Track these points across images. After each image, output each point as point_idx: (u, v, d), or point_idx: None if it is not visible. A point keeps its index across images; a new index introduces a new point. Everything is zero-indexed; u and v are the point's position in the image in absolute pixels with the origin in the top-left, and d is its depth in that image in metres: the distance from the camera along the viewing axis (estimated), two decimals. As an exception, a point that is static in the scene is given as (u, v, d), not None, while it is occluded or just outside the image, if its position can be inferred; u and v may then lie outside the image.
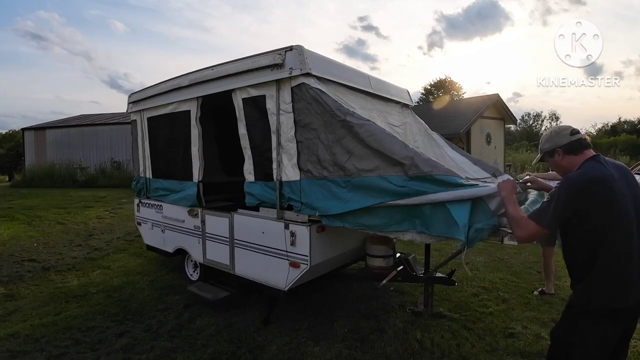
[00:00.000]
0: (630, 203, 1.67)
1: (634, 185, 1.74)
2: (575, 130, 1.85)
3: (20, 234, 7.14)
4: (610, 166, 1.74)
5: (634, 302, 1.64)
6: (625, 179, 1.72)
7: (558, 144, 1.84)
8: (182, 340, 3.16)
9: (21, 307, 3.85)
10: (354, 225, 2.72)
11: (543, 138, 1.94)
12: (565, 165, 1.85)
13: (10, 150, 33.41)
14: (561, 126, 1.92)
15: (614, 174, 1.68)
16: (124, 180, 14.89)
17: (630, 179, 1.76)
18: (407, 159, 2.46)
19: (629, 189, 1.70)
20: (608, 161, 1.79)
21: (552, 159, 1.90)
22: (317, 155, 2.90)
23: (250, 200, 3.43)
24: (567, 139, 1.82)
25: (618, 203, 1.64)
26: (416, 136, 4.44)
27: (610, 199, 1.64)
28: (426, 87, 39.43)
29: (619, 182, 1.68)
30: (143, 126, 4.77)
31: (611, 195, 1.63)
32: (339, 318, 3.51)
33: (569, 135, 1.82)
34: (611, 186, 1.64)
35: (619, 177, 1.70)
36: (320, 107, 2.86)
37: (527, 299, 3.92)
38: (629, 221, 1.64)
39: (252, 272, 3.47)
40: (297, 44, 2.96)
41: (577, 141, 1.80)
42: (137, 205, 5.09)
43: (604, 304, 1.64)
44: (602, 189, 1.64)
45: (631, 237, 1.64)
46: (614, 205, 1.63)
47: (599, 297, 1.65)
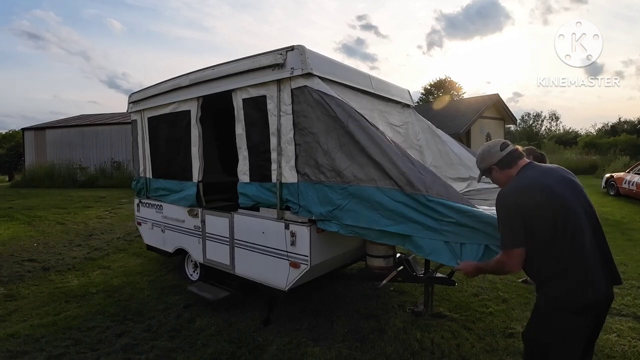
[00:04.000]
0: (573, 200, 1.71)
1: (573, 182, 1.80)
2: (505, 144, 1.92)
3: (20, 234, 7.14)
4: (541, 171, 1.82)
5: (597, 296, 1.65)
6: (562, 179, 1.78)
7: (492, 162, 1.92)
8: (182, 340, 3.16)
9: (21, 307, 3.85)
10: (348, 231, 2.74)
11: (478, 157, 2.01)
12: (503, 179, 1.92)
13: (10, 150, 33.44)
14: (491, 143, 1.98)
15: (543, 179, 1.75)
16: (124, 180, 14.89)
17: (568, 178, 1.81)
18: (403, 174, 2.47)
19: (567, 188, 1.75)
20: (540, 167, 1.87)
21: (490, 175, 1.99)
22: (315, 160, 2.90)
23: (244, 201, 3.43)
24: (499, 155, 1.89)
25: (555, 204, 1.68)
26: (418, 135, 4.44)
27: (544, 203, 1.69)
28: (426, 87, 39.48)
29: (554, 184, 1.73)
30: (143, 126, 4.76)
31: (544, 199, 1.69)
32: (339, 318, 3.51)
33: (500, 152, 1.89)
34: (542, 190, 1.71)
35: (555, 179, 1.76)
36: (321, 111, 2.85)
37: (527, 299, 3.92)
38: (574, 218, 1.67)
39: (252, 272, 3.47)
40: (298, 44, 2.95)
41: (508, 155, 1.88)
42: (137, 205, 5.09)
43: (568, 302, 1.65)
44: (533, 196, 1.70)
45: (581, 232, 1.66)
46: (550, 207, 1.68)
47: (562, 296, 1.66)
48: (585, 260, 1.65)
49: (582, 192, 1.79)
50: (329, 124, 2.82)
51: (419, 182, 2.41)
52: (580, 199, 1.75)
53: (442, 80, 38.60)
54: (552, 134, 43.09)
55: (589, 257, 1.65)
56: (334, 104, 2.82)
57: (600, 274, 1.66)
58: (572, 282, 1.64)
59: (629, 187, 10.80)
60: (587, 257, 1.65)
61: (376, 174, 2.58)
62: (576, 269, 1.64)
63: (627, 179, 10.99)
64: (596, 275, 1.65)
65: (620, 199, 10.92)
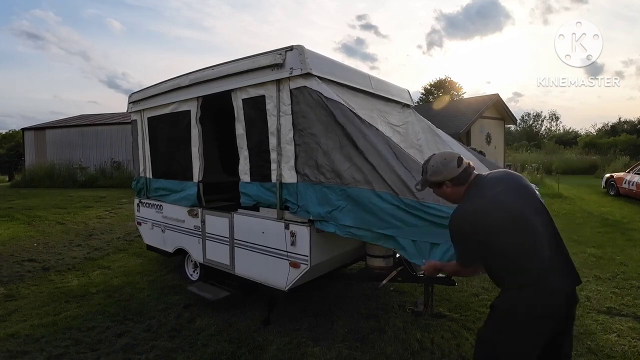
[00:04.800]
0: (527, 209, 1.68)
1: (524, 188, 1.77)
2: (461, 159, 1.85)
3: (20, 234, 7.14)
4: (491, 185, 1.77)
5: (558, 302, 1.61)
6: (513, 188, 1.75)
7: (447, 177, 1.83)
8: (182, 340, 3.16)
9: (21, 307, 3.85)
10: (345, 232, 2.74)
11: (430, 169, 1.89)
12: (451, 195, 1.88)
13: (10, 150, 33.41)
14: (447, 156, 1.88)
15: (495, 196, 1.71)
16: (124, 180, 14.88)
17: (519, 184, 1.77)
18: (399, 178, 2.48)
19: (519, 196, 1.72)
20: (488, 179, 1.82)
21: (439, 189, 1.91)
22: (315, 160, 2.90)
23: (245, 200, 3.44)
24: (455, 171, 1.81)
25: (510, 219, 1.66)
26: (419, 134, 4.44)
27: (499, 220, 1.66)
28: (426, 87, 39.42)
29: (505, 198, 1.70)
30: (143, 126, 4.76)
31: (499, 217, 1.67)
32: (339, 318, 3.51)
33: (457, 168, 1.81)
34: (496, 208, 1.68)
35: (505, 190, 1.73)
36: (320, 112, 2.86)
37: (527, 299, 3.92)
38: (530, 228, 1.65)
39: (252, 272, 3.47)
40: (297, 44, 2.95)
41: (464, 172, 1.81)
42: (137, 205, 5.09)
43: (527, 309, 1.61)
44: (488, 217, 1.68)
45: (538, 241, 1.64)
46: (506, 223, 1.66)
47: (521, 304, 1.63)
48: (544, 268, 1.62)
49: (535, 196, 1.77)
50: (328, 124, 2.83)
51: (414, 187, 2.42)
52: (534, 205, 1.73)
53: (442, 80, 38.57)
54: (552, 134, 43.08)
55: (547, 264, 1.63)
56: (333, 105, 2.82)
57: (560, 280, 1.63)
58: (532, 291, 1.61)
59: (629, 187, 10.80)
60: (545, 264, 1.63)
61: (373, 177, 2.59)
62: (535, 277, 1.62)
63: (627, 179, 10.99)
64: (556, 281, 1.62)
65: (620, 199, 10.92)
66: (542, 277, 1.61)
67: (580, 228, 7.32)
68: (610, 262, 5.14)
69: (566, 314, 1.66)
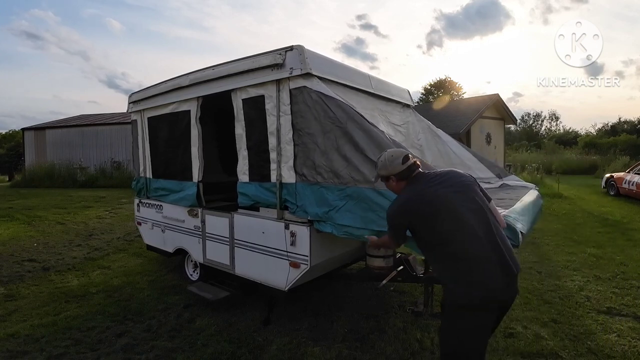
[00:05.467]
0: (460, 203, 1.82)
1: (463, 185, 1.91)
2: (406, 157, 2.03)
3: (20, 234, 7.14)
4: (428, 180, 1.96)
5: (493, 293, 1.71)
6: (451, 184, 1.90)
7: (392, 172, 2.03)
8: (182, 340, 3.16)
9: (21, 307, 3.85)
10: (342, 232, 2.73)
11: (379, 163, 2.11)
12: (396, 188, 2.08)
13: (10, 150, 33.41)
14: (395, 153, 2.07)
15: (428, 189, 1.90)
16: (124, 180, 14.88)
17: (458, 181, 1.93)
18: None
19: (454, 192, 1.86)
20: (429, 176, 2.00)
21: (387, 182, 2.12)
22: (312, 160, 2.90)
23: (243, 200, 3.44)
24: (400, 167, 2.01)
25: (440, 211, 1.82)
26: (419, 134, 4.45)
27: (430, 212, 1.85)
28: (426, 87, 39.40)
29: (439, 192, 1.87)
30: (143, 126, 4.76)
31: (429, 208, 1.85)
32: (339, 318, 3.51)
33: (401, 164, 2.01)
34: (426, 200, 1.87)
35: (442, 186, 1.89)
36: (320, 112, 2.85)
37: (527, 299, 3.92)
38: (462, 221, 1.78)
39: (252, 272, 3.47)
40: (297, 44, 2.95)
41: (407, 168, 2.00)
42: (137, 205, 5.09)
43: (466, 301, 1.73)
44: (418, 207, 1.88)
45: (471, 233, 1.76)
46: (436, 214, 1.83)
47: (460, 297, 1.74)
48: (478, 260, 1.72)
49: (473, 193, 1.89)
50: (327, 125, 2.82)
51: None
52: (470, 200, 1.85)
53: (442, 80, 38.54)
54: (552, 134, 43.09)
55: (481, 256, 1.72)
56: (333, 105, 2.82)
57: (494, 270, 1.71)
58: (467, 283, 1.71)
59: (629, 187, 10.80)
60: (479, 256, 1.72)
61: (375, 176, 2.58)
62: (469, 269, 1.72)
63: (627, 179, 11.00)
64: (490, 272, 1.71)
65: (620, 199, 10.92)
66: (475, 270, 1.72)
67: (580, 228, 7.32)
68: (610, 262, 5.14)
69: (505, 302, 1.78)
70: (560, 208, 9.44)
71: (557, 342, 3.07)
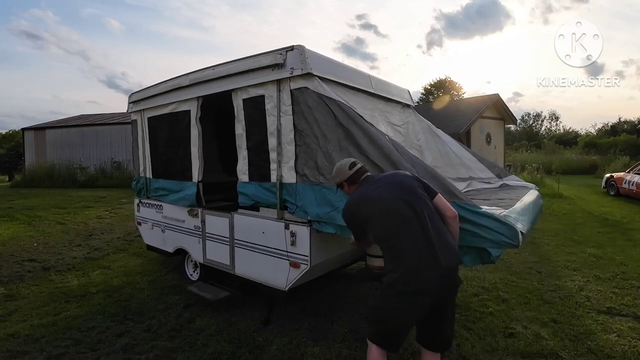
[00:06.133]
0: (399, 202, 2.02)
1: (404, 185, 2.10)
2: (353, 163, 2.31)
3: (20, 234, 7.14)
4: (373, 182, 2.19)
5: (426, 284, 1.89)
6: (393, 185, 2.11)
7: (343, 178, 2.31)
8: (182, 340, 3.16)
9: (21, 307, 3.85)
10: (346, 233, 2.70)
11: (333, 172, 2.40)
12: (348, 192, 2.33)
13: (10, 150, 33.42)
14: (343, 162, 2.35)
15: (371, 191, 2.13)
16: (124, 180, 14.89)
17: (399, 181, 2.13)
18: None
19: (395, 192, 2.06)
20: (374, 178, 2.24)
21: (342, 189, 2.38)
22: (315, 161, 2.90)
23: (243, 200, 3.44)
24: (348, 173, 2.28)
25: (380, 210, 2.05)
26: (419, 135, 4.44)
27: (372, 211, 2.09)
28: (426, 87, 39.42)
29: (380, 192, 2.09)
30: (143, 126, 4.76)
31: (371, 208, 2.09)
32: (339, 318, 3.51)
33: (348, 170, 2.28)
34: (368, 201, 2.11)
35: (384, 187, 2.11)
36: (321, 113, 2.84)
37: (527, 299, 3.92)
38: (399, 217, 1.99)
39: (252, 272, 3.47)
40: (298, 44, 2.95)
41: (354, 173, 2.27)
42: (137, 205, 5.09)
43: (400, 287, 1.93)
44: (362, 207, 2.14)
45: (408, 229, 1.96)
46: (377, 213, 2.07)
47: (396, 284, 1.95)
48: (412, 253, 1.92)
49: (413, 191, 2.08)
50: (329, 125, 2.82)
51: None
52: (409, 198, 2.03)
53: (442, 80, 38.56)
54: (552, 134, 43.10)
55: (417, 249, 1.91)
56: (334, 106, 2.82)
57: (429, 263, 1.89)
58: (403, 273, 1.93)
59: (629, 187, 10.80)
60: (415, 249, 1.92)
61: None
62: (404, 260, 1.94)
63: (627, 179, 11.00)
64: (421, 264, 1.90)
65: (620, 199, 10.93)
66: (413, 259, 1.92)
67: (580, 228, 7.32)
68: (610, 262, 5.14)
69: (439, 290, 1.93)
70: (560, 208, 9.44)
71: (557, 342, 3.07)
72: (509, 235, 2.16)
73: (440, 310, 2.04)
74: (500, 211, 2.36)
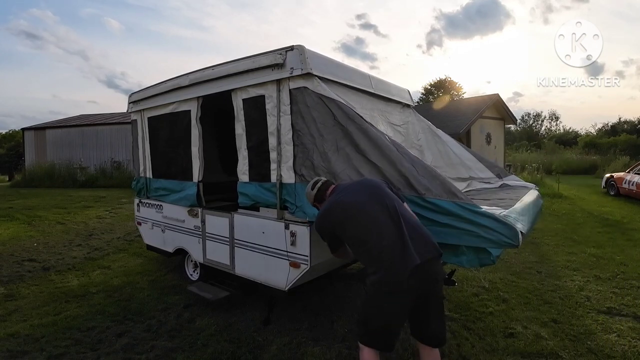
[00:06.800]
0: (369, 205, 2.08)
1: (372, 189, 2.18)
2: (315, 182, 2.46)
3: (20, 234, 7.14)
4: (340, 191, 2.27)
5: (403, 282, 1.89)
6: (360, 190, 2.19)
7: (312, 200, 2.47)
8: (182, 340, 3.16)
9: (21, 307, 3.85)
10: None
11: (306, 196, 2.54)
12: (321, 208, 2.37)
13: (10, 150, 33.42)
14: (309, 185, 2.49)
15: (339, 199, 2.20)
16: (124, 180, 14.88)
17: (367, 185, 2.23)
18: (402, 176, 2.46)
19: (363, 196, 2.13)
20: (340, 187, 2.32)
21: (317, 208, 2.46)
22: (311, 161, 2.89)
23: (243, 200, 3.44)
24: (312, 194, 2.43)
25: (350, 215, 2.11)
26: (419, 134, 4.44)
27: (341, 218, 2.14)
28: (426, 87, 39.42)
29: (348, 199, 2.16)
30: (143, 126, 4.76)
31: (340, 215, 2.15)
32: (339, 318, 3.51)
33: (312, 190, 2.44)
34: (337, 208, 2.18)
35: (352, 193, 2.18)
36: (320, 113, 2.84)
37: (527, 299, 3.92)
38: (371, 220, 2.03)
39: (252, 272, 3.47)
40: (298, 44, 2.95)
41: (317, 191, 2.41)
42: (137, 205, 5.09)
43: (380, 287, 1.96)
44: (331, 216, 2.19)
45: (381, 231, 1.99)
46: (347, 219, 2.12)
47: (375, 284, 1.97)
48: (389, 252, 1.94)
49: (382, 189, 2.17)
50: (327, 125, 2.82)
51: (418, 184, 2.41)
52: (378, 202, 2.09)
53: (442, 80, 38.57)
54: (552, 134, 43.10)
55: (393, 248, 1.94)
56: (334, 106, 2.81)
57: (404, 260, 1.91)
58: (382, 273, 1.94)
59: (629, 187, 10.80)
60: (391, 249, 1.94)
61: (374, 176, 2.57)
62: (380, 261, 1.96)
63: (627, 179, 11.00)
64: (399, 262, 1.91)
65: (620, 199, 10.93)
66: (388, 259, 1.94)
67: (580, 228, 7.32)
68: (610, 262, 5.14)
69: (418, 286, 1.94)
70: (560, 208, 9.44)
71: (557, 342, 3.07)
72: (509, 236, 2.16)
73: (424, 306, 2.04)
74: (500, 211, 2.36)
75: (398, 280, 1.90)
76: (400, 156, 2.59)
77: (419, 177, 2.46)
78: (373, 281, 1.98)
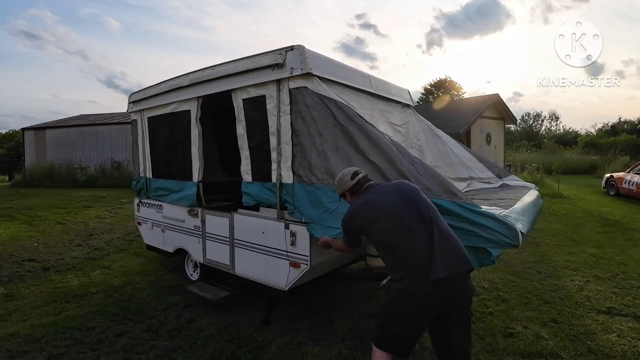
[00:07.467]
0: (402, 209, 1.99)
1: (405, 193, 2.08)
2: (355, 173, 2.28)
3: (20, 234, 7.14)
4: (376, 190, 2.17)
5: (431, 290, 1.84)
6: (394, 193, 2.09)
7: (345, 189, 2.30)
8: (182, 340, 3.16)
9: (21, 307, 3.85)
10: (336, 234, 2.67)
11: (336, 183, 2.38)
12: (351, 201, 2.30)
13: (10, 150, 33.39)
14: (345, 172, 2.33)
15: (374, 199, 2.11)
16: (124, 180, 14.88)
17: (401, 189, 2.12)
18: (402, 177, 2.45)
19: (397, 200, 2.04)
20: (376, 187, 2.21)
21: (345, 199, 2.36)
22: (309, 161, 2.89)
23: (247, 200, 3.44)
24: (350, 184, 2.27)
25: (382, 217, 2.02)
26: (419, 134, 4.45)
27: (374, 216, 2.06)
28: (426, 86, 39.39)
29: (382, 200, 2.07)
30: (143, 126, 4.76)
31: (374, 213, 2.06)
32: (339, 318, 3.51)
33: (350, 180, 2.27)
34: (371, 209, 2.09)
35: (386, 195, 2.09)
36: (320, 112, 2.84)
37: (527, 299, 3.92)
38: (403, 225, 1.95)
39: (252, 272, 3.47)
40: (298, 44, 2.95)
41: (357, 183, 2.26)
42: (137, 205, 5.09)
43: (406, 295, 1.90)
44: (363, 213, 2.11)
45: (412, 237, 1.92)
46: (379, 220, 2.03)
47: (401, 291, 1.91)
48: (415, 262, 1.88)
49: (415, 199, 2.04)
50: (326, 125, 2.82)
51: (418, 183, 2.40)
52: (414, 207, 2.00)
53: (442, 80, 38.52)
54: (552, 133, 43.10)
55: (422, 257, 1.87)
56: (334, 106, 2.81)
57: (430, 273, 1.83)
58: (408, 281, 1.88)
59: (629, 187, 10.80)
60: (420, 257, 1.87)
61: (374, 177, 2.57)
62: (410, 269, 1.89)
63: (627, 179, 11.00)
64: (425, 275, 1.83)
65: (620, 199, 10.92)
66: (412, 270, 1.88)
67: (580, 228, 7.32)
68: (610, 262, 5.14)
69: (444, 299, 1.89)
70: (560, 208, 9.44)
71: (557, 342, 3.07)
72: (509, 235, 2.16)
73: (446, 321, 1.96)
74: (500, 211, 2.36)
75: (422, 292, 1.85)
76: (400, 156, 2.58)
77: (419, 176, 2.46)
78: (397, 289, 1.93)
